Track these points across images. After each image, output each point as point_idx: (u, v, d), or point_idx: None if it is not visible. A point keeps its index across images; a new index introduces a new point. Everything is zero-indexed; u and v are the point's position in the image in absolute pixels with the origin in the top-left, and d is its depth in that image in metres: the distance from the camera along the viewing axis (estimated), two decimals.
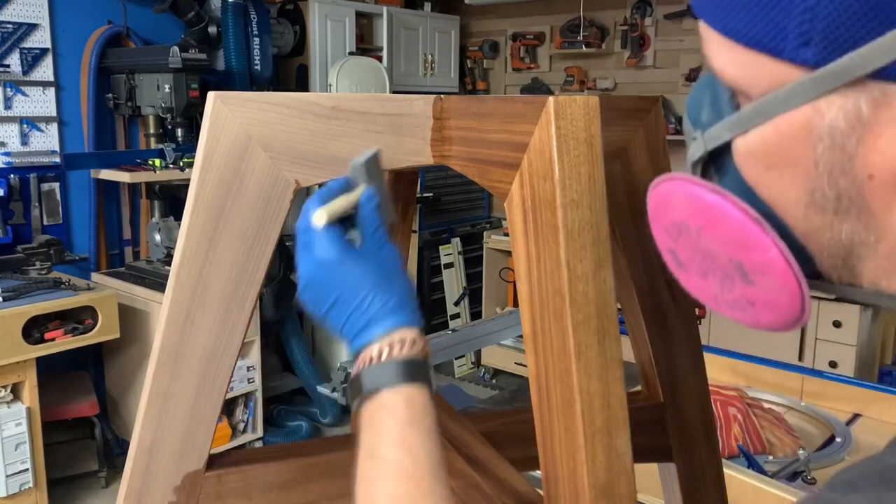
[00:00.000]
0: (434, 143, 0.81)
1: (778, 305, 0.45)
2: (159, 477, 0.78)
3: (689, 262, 0.50)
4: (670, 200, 0.49)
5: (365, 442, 0.62)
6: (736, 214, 0.44)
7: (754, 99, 0.43)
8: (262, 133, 0.74)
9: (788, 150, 0.41)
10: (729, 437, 1.80)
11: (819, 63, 0.38)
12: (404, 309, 0.66)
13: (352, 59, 4.26)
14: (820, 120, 0.39)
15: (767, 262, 0.44)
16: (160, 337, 0.76)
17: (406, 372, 0.63)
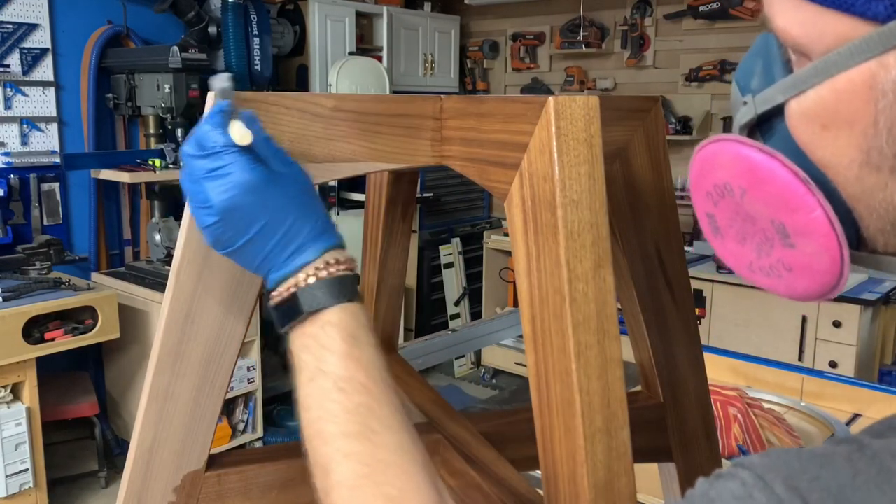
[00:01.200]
0: (434, 143, 0.81)
1: (816, 270, 0.46)
2: (159, 477, 0.78)
3: (726, 228, 0.51)
4: (716, 161, 0.50)
5: (308, 361, 0.60)
6: (783, 174, 0.45)
7: (815, 58, 0.43)
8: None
9: (847, 108, 0.42)
10: (729, 437, 1.80)
11: (889, 17, 0.39)
12: (329, 230, 0.64)
13: (352, 59, 4.26)
14: (885, 75, 0.40)
15: (811, 222, 0.44)
16: (160, 337, 0.76)
17: (345, 288, 0.62)
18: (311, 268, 0.62)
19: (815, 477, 0.39)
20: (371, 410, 0.58)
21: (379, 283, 1.19)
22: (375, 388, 0.59)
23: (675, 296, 0.97)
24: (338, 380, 0.59)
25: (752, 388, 2.19)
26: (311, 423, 0.59)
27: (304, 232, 0.62)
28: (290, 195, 0.62)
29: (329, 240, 0.63)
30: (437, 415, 1.04)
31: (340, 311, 0.61)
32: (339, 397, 0.58)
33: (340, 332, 0.60)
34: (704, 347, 1.06)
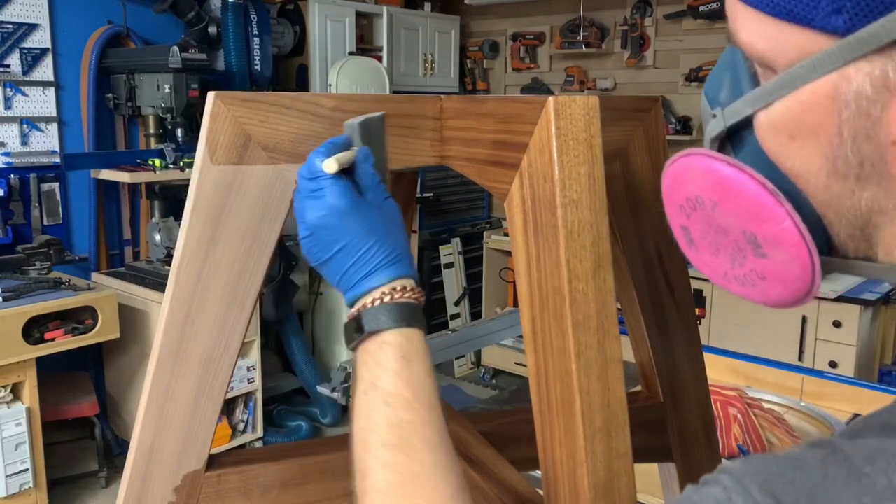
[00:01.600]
0: (434, 143, 0.81)
1: (788, 278, 0.47)
2: (159, 477, 0.78)
3: (700, 239, 0.52)
4: (686, 175, 0.51)
5: (364, 376, 0.65)
6: (752, 186, 0.46)
7: (780, 71, 0.44)
8: (262, 133, 0.74)
9: (813, 118, 0.43)
10: (729, 437, 1.80)
11: (849, 30, 0.40)
12: (404, 261, 0.70)
13: (352, 59, 4.26)
14: (847, 86, 0.41)
15: (781, 232, 0.46)
16: (160, 337, 0.76)
17: (407, 315, 0.67)
18: (378, 292, 0.67)
19: (790, 480, 0.41)
20: (413, 427, 0.62)
21: None
22: (420, 408, 0.63)
23: (675, 296, 0.97)
24: (387, 395, 0.63)
25: (752, 388, 2.19)
26: (358, 431, 0.63)
27: (378, 258, 0.68)
28: (373, 223, 0.69)
29: (401, 270, 0.69)
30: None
31: (398, 334, 0.66)
32: (386, 411, 0.62)
33: (395, 353, 0.65)
34: (704, 347, 1.06)
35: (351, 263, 0.69)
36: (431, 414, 0.63)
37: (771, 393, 2.16)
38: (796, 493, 0.40)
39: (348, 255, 0.68)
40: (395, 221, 0.71)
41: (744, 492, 0.41)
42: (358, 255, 0.68)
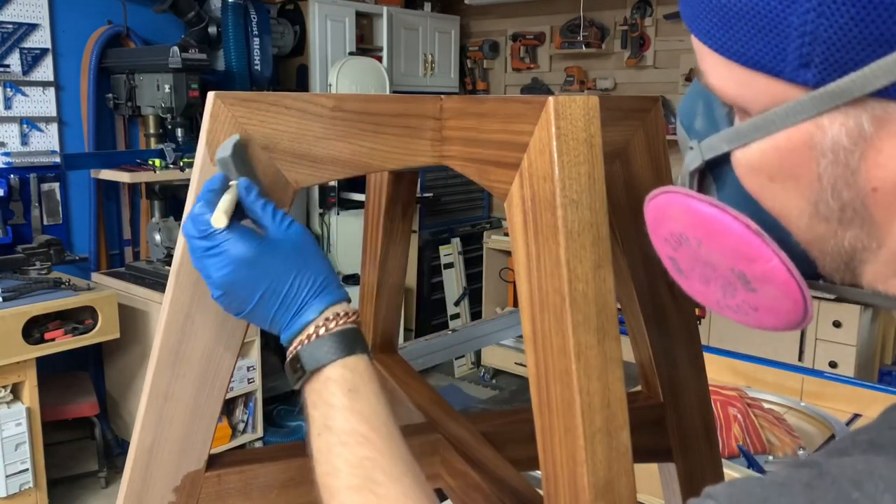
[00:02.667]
0: (434, 143, 0.81)
1: (781, 311, 0.46)
2: (159, 477, 0.78)
3: (689, 270, 0.51)
4: (668, 213, 0.50)
5: (315, 418, 0.64)
6: (736, 227, 0.45)
7: (753, 114, 0.43)
8: (262, 133, 0.74)
9: (790, 164, 0.42)
10: (729, 437, 1.80)
11: (819, 83, 0.39)
12: (330, 286, 0.67)
13: (352, 59, 4.26)
14: (822, 136, 0.40)
15: (769, 271, 0.45)
16: (160, 337, 0.76)
17: (344, 344, 0.65)
18: (312, 326, 0.66)
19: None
20: (374, 462, 0.60)
21: (379, 283, 1.19)
22: (378, 439, 0.62)
23: (676, 296, 0.97)
24: (341, 433, 0.62)
25: (752, 388, 2.19)
26: (320, 476, 0.62)
27: (303, 293, 0.66)
28: (287, 260, 0.66)
29: (328, 296, 0.67)
30: (437, 415, 1.04)
31: (340, 366, 0.64)
32: (343, 451, 0.61)
33: (341, 388, 0.63)
34: (704, 347, 1.06)
35: (276, 308, 0.66)
36: (390, 443, 0.62)
37: (771, 393, 2.16)
38: None
39: (271, 301, 0.66)
40: (306, 248, 0.68)
41: None
42: (280, 297, 0.66)
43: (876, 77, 0.37)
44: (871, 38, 0.36)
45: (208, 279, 0.67)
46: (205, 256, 0.66)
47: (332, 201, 4.25)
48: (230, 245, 0.65)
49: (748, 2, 0.40)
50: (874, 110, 0.38)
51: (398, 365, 1.22)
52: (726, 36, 0.42)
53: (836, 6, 0.37)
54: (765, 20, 0.39)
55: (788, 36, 0.39)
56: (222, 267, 0.65)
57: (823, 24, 0.37)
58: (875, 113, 0.38)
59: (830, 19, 0.37)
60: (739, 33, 0.41)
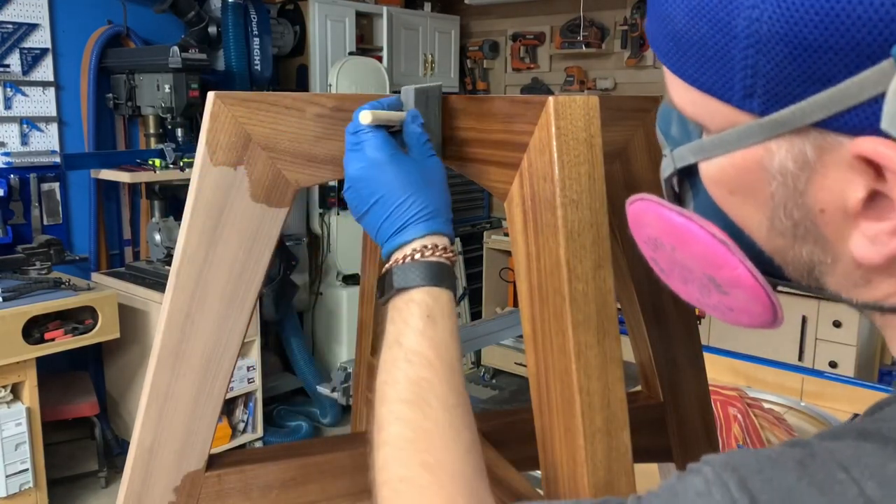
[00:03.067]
0: None
1: (753, 312, 0.49)
2: (159, 477, 0.78)
3: (669, 271, 0.54)
4: (644, 219, 0.53)
5: (390, 332, 0.66)
6: (703, 236, 0.48)
7: (712, 133, 0.45)
8: (262, 133, 0.74)
9: (747, 181, 0.44)
10: (729, 437, 1.80)
11: (764, 112, 0.41)
12: (439, 217, 0.70)
13: (352, 59, 4.26)
14: (770, 160, 0.42)
15: (735, 278, 0.47)
16: (160, 337, 0.76)
17: (436, 274, 0.67)
18: (409, 248, 0.68)
19: (768, 478, 0.41)
20: (431, 385, 0.62)
21: None
22: (441, 367, 0.63)
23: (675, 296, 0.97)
24: (409, 352, 0.64)
25: (752, 388, 2.19)
26: (379, 385, 0.64)
27: (412, 212, 0.69)
28: (410, 178, 0.70)
29: (434, 226, 0.69)
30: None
31: (425, 292, 0.66)
32: (406, 367, 0.63)
33: (421, 311, 0.65)
34: (704, 347, 1.06)
35: (385, 217, 0.69)
36: (451, 375, 0.63)
37: (771, 393, 2.16)
38: (772, 493, 0.40)
39: (383, 208, 0.69)
40: (435, 178, 0.71)
41: (723, 486, 0.42)
42: (392, 208, 0.69)
43: (813, 111, 0.39)
44: (805, 75, 0.38)
45: (346, 173, 0.72)
46: (350, 150, 0.71)
47: (332, 201, 4.25)
48: (368, 144, 0.70)
49: (696, 33, 0.42)
50: (815, 140, 0.40)
51: None
52: (682, 61, 0.44)
53: (771, 45, 0.39)
54: (711, 51, 0.41)
55: (733, 68, 0.41)
56: (356, 161, 0.70)
57: (762, 60, 0.39)
58: (816, 142, 0.40)
59: (767, 56, 0.39)
60: (692, 60, 0.43)
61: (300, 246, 4.19)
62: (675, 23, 0.43)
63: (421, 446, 0.59)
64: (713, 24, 0.41)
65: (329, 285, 4.34)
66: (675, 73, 0.46)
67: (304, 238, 4.25)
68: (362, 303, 1.23)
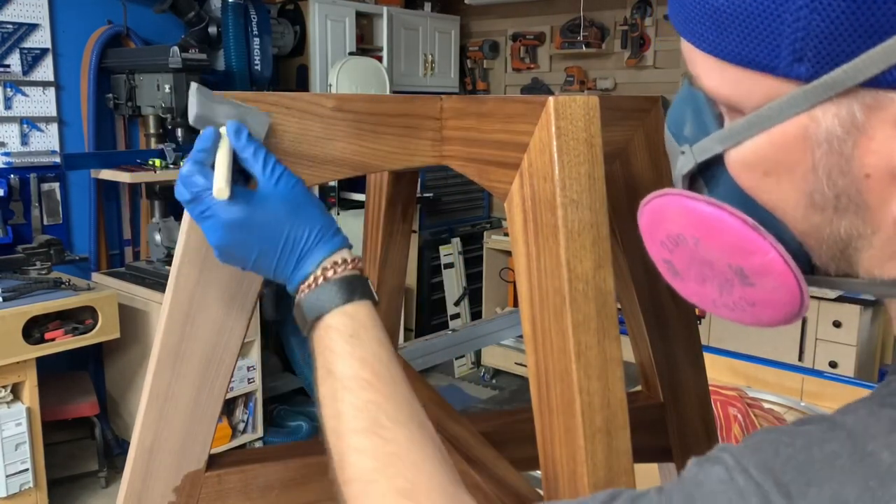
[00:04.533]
0: (434, 143, 0.81)
1: (778, 303, 0.48)
2: (159, 477, 0.78)
3: (685, 271, 0.53)
4: (665, 215, 0.52)
5: (320, 364, 0.64)
6: (734, 223, 0.47)
7: (747, 112, 0.45)
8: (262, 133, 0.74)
9: (785, 157, 0.44)
10: (729, 437, 1.80)
11: (812, 77, 0.40)
12: (327, 232, 0.67)
13: (352, 59, 4.26)
14: (816, 127, 0.41)
15: (767, 264, 0.46)
16: (160, 337, 0.76)
17: (344, 290, 0.65)
18: (311, 277, 0.66)
19: (788, 457, 0.41)
20: (378, 406, 0.60)
21: (379, 283, 1.19)
22: (381, 384, 0.62)
23: (675, 296, 0.97)
24: (344, 379, 0.62)
25: (752, 388, 2.19)
26: (326, 420, 0.63)
27: (300, 246, 0.66)
28: (279, 215, 0.66)
29: (326, 246, 0.67)
30: (437, 415, 1.04)
31: (340, 313, 0.64)
32: (347, 396, 0.61)
33: (341, 335, 0.63)
34: (704, 347, 1.06)
35: (275, 263, 0.67)
36: (393, 387, 0.62)
37: (771, 393, 2.16)
38: (794, 472, 0.40)
39: (269, 257, 0.66)
40: (300, 198, 0.67)
41: (744, 472, 0.42)
42: (277, 253, 0.66)
43: (867, 67, 0.39)
44: (862, 29, 0.38)
45: (211, 243, 0.67)
46: (199, 220, 0.66)
47: (332, 201, 4.25)
48: (220, 208, 0.65)
49: (741, 3, 0.41)
50: (865, 99, 0.40)
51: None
52: (719, 38, 0.43)
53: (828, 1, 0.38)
54: (758, 20, 0.41)
55: (782, 33, 0.40)
56: (216, 230, 0.65)
57: (816, 18, 0.39)
58: (866, 101, 0.40)
59: (823, 14, 0.38)
60: (733, 34, 0.42)
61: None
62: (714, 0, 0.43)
63: (390, 472, 0.57)
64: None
65: None
66: (711, 53, 0.44)
67: None
68: None
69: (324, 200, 4.24)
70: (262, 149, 0.68)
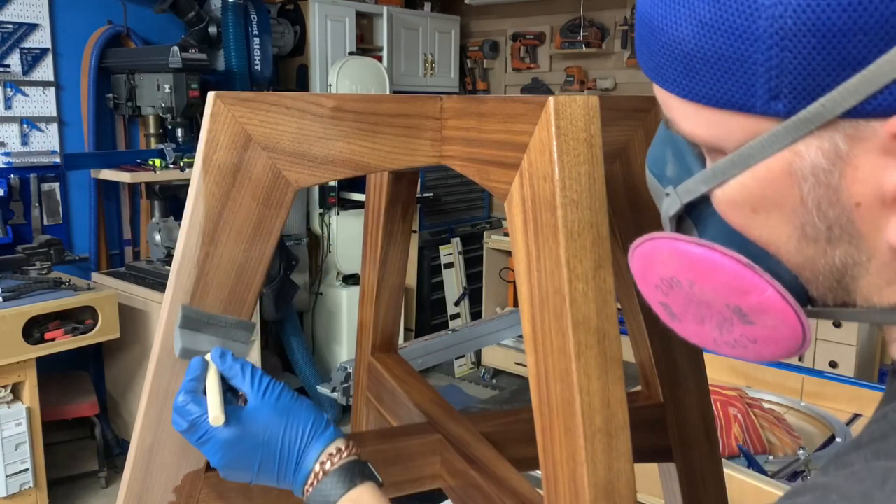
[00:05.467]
0: (434, 143, 0.81)
1: (779, 339, 0.47)
2: (159, 477, 0.78)
3: (682, 313, 0.52)
4: (656, 258, 0.51)
5: None
6: (727, 263, 0.46)
7: (729, 152, 0.44)
8: (262, 133, 0.74)
9: (772, 193, 0.43)
10: (729, 437, 1.80)
11: (791, 112, 0.40)
12: (318, 429, 0.73)
13: (352, 59, 4.26)
14: (801, 161, 0.41)
15: (764, 301, 0.46)
16: (160, 337, 0.76)
17: (344, 479, 0.71)
18: (311, 475, 0.72)
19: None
20: None
21: (379, 283, 1.19)
22: None
23: None
24: None
25: (752, 388, 2.19)
26: None
27: (295, 449, 0.72)
28: (271, 425, 0.72)
29: (320, 441, 0.73)
30: (437, 415, 1.04)
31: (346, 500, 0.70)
32: None
33: None
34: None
35: (276, 470, 0.72)
36: None
37: (771, 393, 2.16)
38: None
39: (269, 466, 0.72)
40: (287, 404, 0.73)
41: None
42: (276, 460, 0.72)
43: (844, 99, 0.38)
44: (835, 62, 0.38)
45: (213, 463, 0.72)
46: (198, 445, 0.71)
47: (332, 201, 4.25)
48: (217, 430, 0.70)
49: (712, 46, 0.41)
50: (846, 130, 0.39)
51: (398, 365, 1.22)
52: (692, 82, 0.43)
53: (797, 38, 0.38)
54: (730, 61, 0.41)
55: (755, 73, 0.40)
56: (215, 452, 0.71)
57: (787, 56, 0.39)
58: (847, 132, 0.39)
59: (794, 51, 0.39)
60: (706, 77, 0.42)
61: (300, 246, 4.20)
62: (684, 44, 0.43)
63: None
64: (731, 33, 0.40)
65: (329, 285, 4.34)
66: (686, 97, 0.44)
67: (304, 238, 4.26)
68: (362, 303, 1.23)
69: (324, 200, 4.24)
70: (247, 365, 0.74)
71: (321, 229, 4.29)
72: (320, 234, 4.30)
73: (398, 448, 0.96)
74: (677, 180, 0.50)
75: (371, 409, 1.25)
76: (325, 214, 4.27)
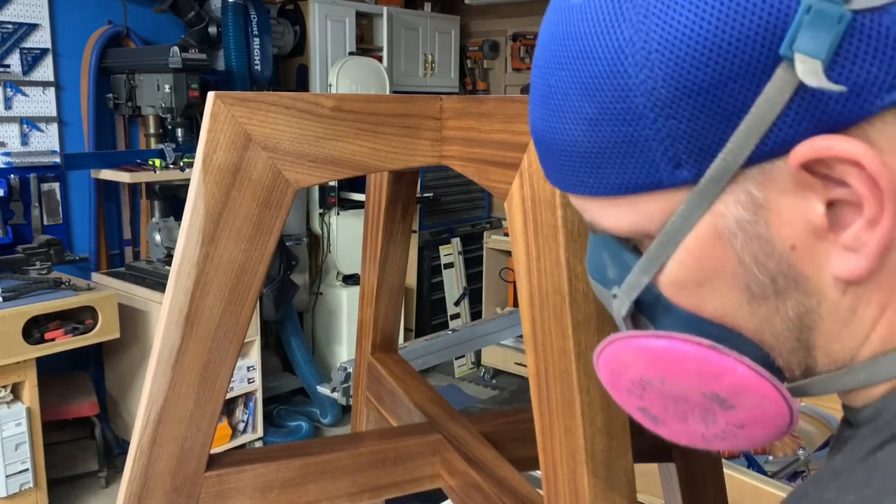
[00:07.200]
0: (434, 143, 0.81)
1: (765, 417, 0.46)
2: (159, 477, 0.78)
3: (663, 414, 0.51)
4: (621, 361, 0.49)
5: None
6: (690, 349, 0.45)
7: (655, 235, 0.44)
8: (262, 133, 0.74)
9: (709, 261, 0.43)
10: None
11: (698, 176, 0.40)
12: None
13: (352, 59, 4.26)
14: (724, 221, 0.41)
15: (739, 381, 0.44)
16: (160, 337, 0.76)
17: None
18: None
19: None
20: None
21: (379, 283, 1.19)
22: None
23: None
24: None
25: None
26: None
27: None
28: None
29: None
30: (437, 415, 1.04)
31: None
32: None
33: None
34: None
35: None
36: None
37: None
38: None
39: None
40: None
41: None
42: None
43: (740, 148, 0.39)
44: (718, 116, 0.38)
45: None
46: None
47: (332, 201, 4.25)
48: None
49: (604, 138, 0.42)
50: (755, 177, 0.40)
51: (398, 365, 1.22)
52: (598, 178, 0.44)
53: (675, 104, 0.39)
54: (625, 146, 0.41)
55: (650, 148, 0.41)
56: None
57: (673, 123, 0.39)
58: (757, 179, 0.40)
59: (677, 117, 0.39)
60: (609, 169, 0.43)
61: (300, 246, 4.20)
62: (579, 145, 0.43)
63: None
64: (616, 119, 0.41)
65: (329, 285, 4.34)
66: (597, 195, 0.45)
67: (304, 238, 4.26)
68: (362, 303, 1.23)
69: (324, 200, 4.24)
70: None
71: (321, 229, 4.30)
72: (320, 234, 4.30)
73: (398, 448, 0.95)
74: (620, 279, 0.49)
75: (371, 409, 1.25)
76: (325, 214, 4.27)
